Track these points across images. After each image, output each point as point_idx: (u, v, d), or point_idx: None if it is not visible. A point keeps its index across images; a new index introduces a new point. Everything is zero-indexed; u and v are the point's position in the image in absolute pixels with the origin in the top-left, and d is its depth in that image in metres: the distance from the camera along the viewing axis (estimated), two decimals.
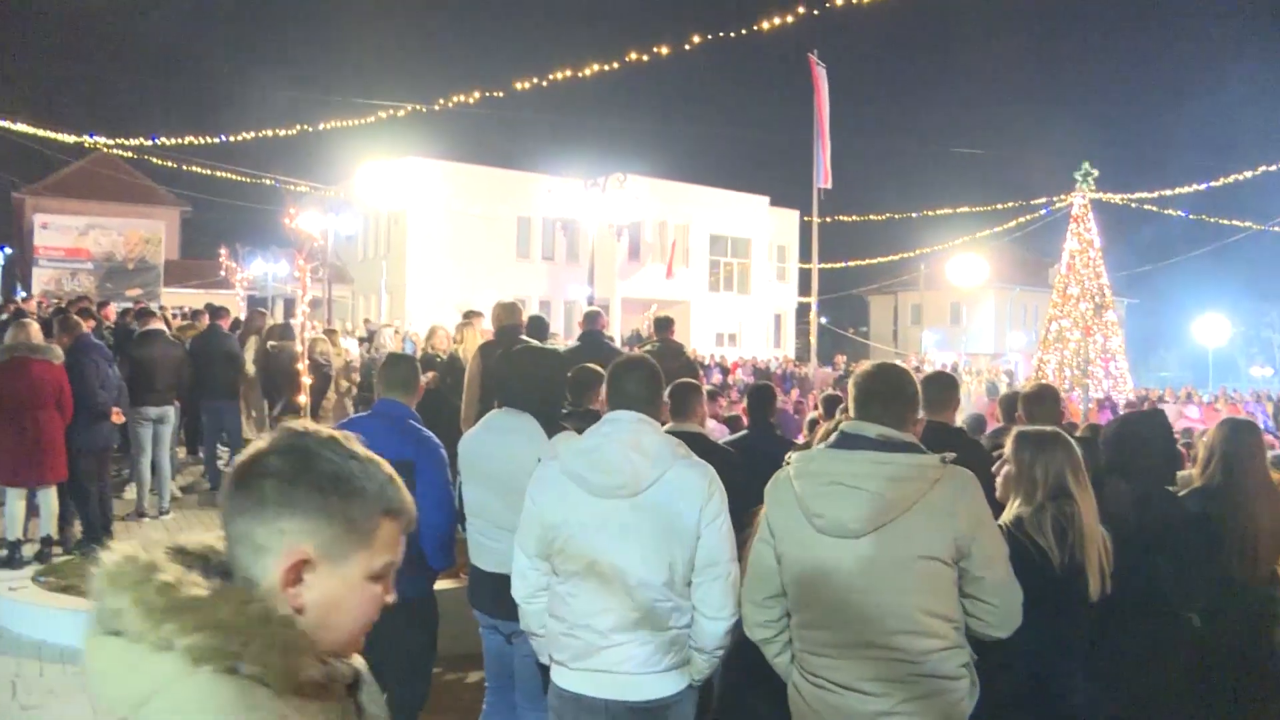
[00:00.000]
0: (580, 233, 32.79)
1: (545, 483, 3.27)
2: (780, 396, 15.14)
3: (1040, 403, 5.13)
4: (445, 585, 5.57)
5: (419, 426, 4.44)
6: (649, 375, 3.35)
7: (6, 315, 13.02)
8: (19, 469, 7.66)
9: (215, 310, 12.41)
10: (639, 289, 37.40)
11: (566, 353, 7.59)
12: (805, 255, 37.27)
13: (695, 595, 3.14)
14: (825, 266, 36.08)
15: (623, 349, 10.82)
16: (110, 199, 39.78)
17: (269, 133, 23.93)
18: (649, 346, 8.88)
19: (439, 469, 4.24)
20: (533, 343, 6.32)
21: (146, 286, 35.49)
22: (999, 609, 2.89)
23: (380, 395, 4.59)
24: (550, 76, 21.21)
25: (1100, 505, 3.55)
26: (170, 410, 9.95)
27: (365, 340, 19.74)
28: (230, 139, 24.67)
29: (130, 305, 17.44)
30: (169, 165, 29.48)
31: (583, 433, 3.36)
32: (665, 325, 9.04)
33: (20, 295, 26.33)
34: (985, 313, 54.56)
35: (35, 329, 8.02)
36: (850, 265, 45.42)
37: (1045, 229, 36.22)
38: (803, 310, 42.70)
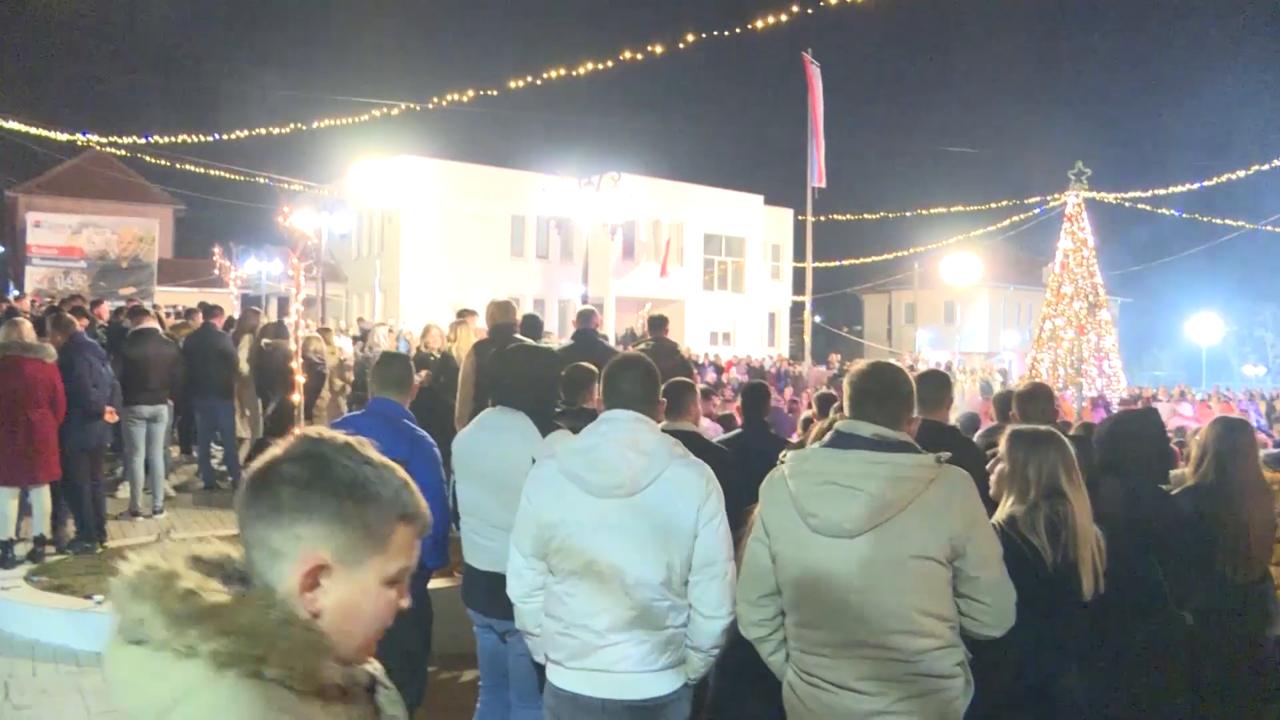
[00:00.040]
0: (575, 231, 32.70)
1: (542, 482, 3.26)
2: (774, 395, 15.13)
3: (1034, 401, 5.14)
4: (439, 584, 5.57)
5: (413, 425, 4.44)
6: (646, 374, 3.34)
7: None
8: (12, 468, 7.63)
9: (209, 309, 12.40)
10: (633, 288, 37.39)
11: (560, 351, 7.59)
12: (799, 254, 37.36)
13: (692, 594, 3.14)
14: (819, 265, 36.05)
15: (617, 348, 10.81)
16: (104, 197, 39.71)
17: (263, 131, 23.93)
18: (643, 345, 8.88)
19: (432, 468, 4.25)
20: (527, 341, 6.32)
21: (140, 285, 35.35)
22: (993, 609, 2.89)
23: (374, 394, 4.60)
24: (545, 75, 21.25)
25: (1094, 504, 3.56)
26: (164, 409, 9.94)
27: (359, 339, 19.71)
28: (224, 137, 24.66)
29: (124, 304, 17.40)
30: (163, 164, 29.49)
31: (577, 431, 3.35)
32: (659, 324, 9.04)
33: (13, 294, 26.20)
34: (979, 311, 54.64)
35: (28, 328, 8.01)
36: (844, 264, 45.52)
37: (1039, 228, 36.35)
38: (797, 309, 42.71)
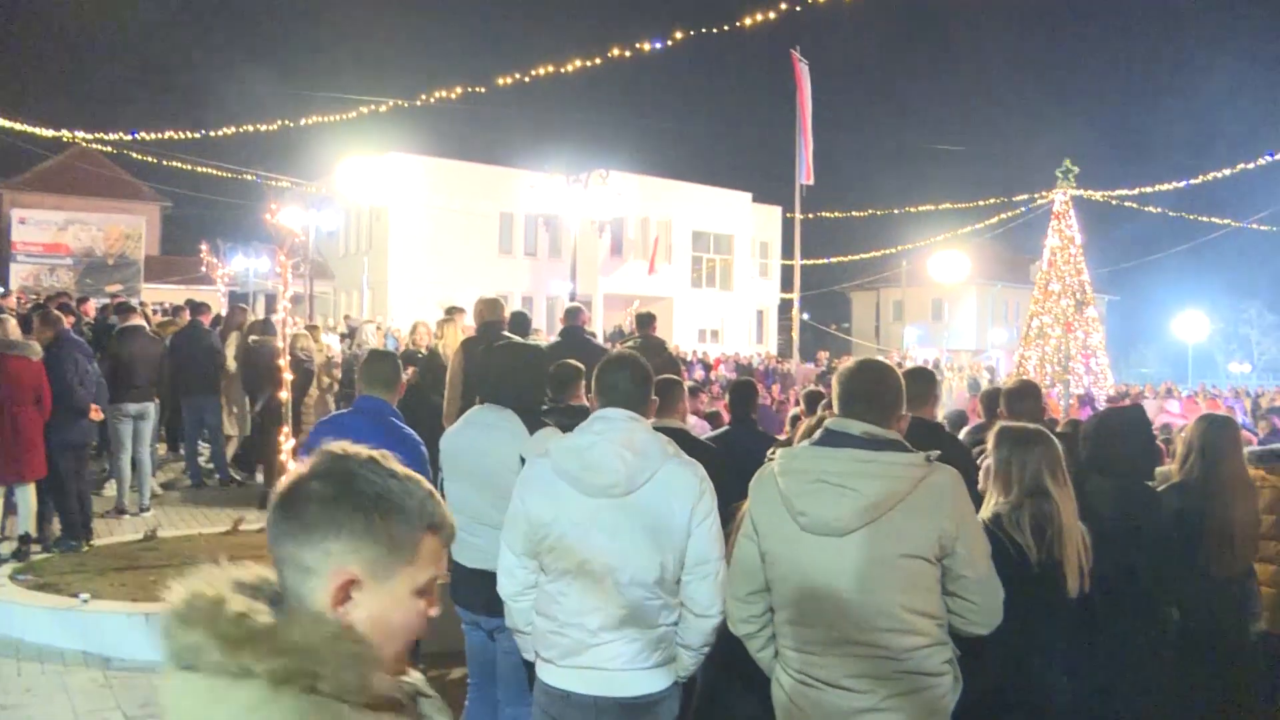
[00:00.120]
0: (562, 228, 32.68)
1: (535, 481, 3.25)
2: (762, 392, 15.17)
3: (1021, 398, 5.16)
4: None
5: (400, 423, 4.44)
6: (640, 373, 3.34)
7: None
8: None
9: (196, 306, 12.36)
10: (621, 285, 37.37)
11: (548, 348, 7.59)
12: (787, 251, 37.36)
13: (684, 592, 3.15)
14: (807, 263, 36.12)
15: (605, 345, 10.81)
16: (90, 194, 39.45)
17: (251, 128, 23.82)
18: (631, 342, 8.88)
19: (420, 466, 4.24)
20: (515, 339, 6.32)
21: (127, 282, 35.15)
22: (981, 607, 2.90)
23: (362, 391, 4.59)
24: (533, 72, 21.21)
25: (1080, 501, 3.57)
26: (151, 406, 9.91)
27: (347, 336, 19.65)
28: (212, 134, 24.49)
29: (110, 301, 17.32)
30: (150, 160, 29.31)
31: (565, 429, 3.35)
32: (647, 321, 9.04)
33: None
34: (967, 309, 54.82)
35: (13, 325, 7.97)
36: (832, 261, 45.67)
37: (1026, 226, 36.38)
38: (785, 306, 42.78)
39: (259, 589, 1.37)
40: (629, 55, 20.05)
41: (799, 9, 18.64)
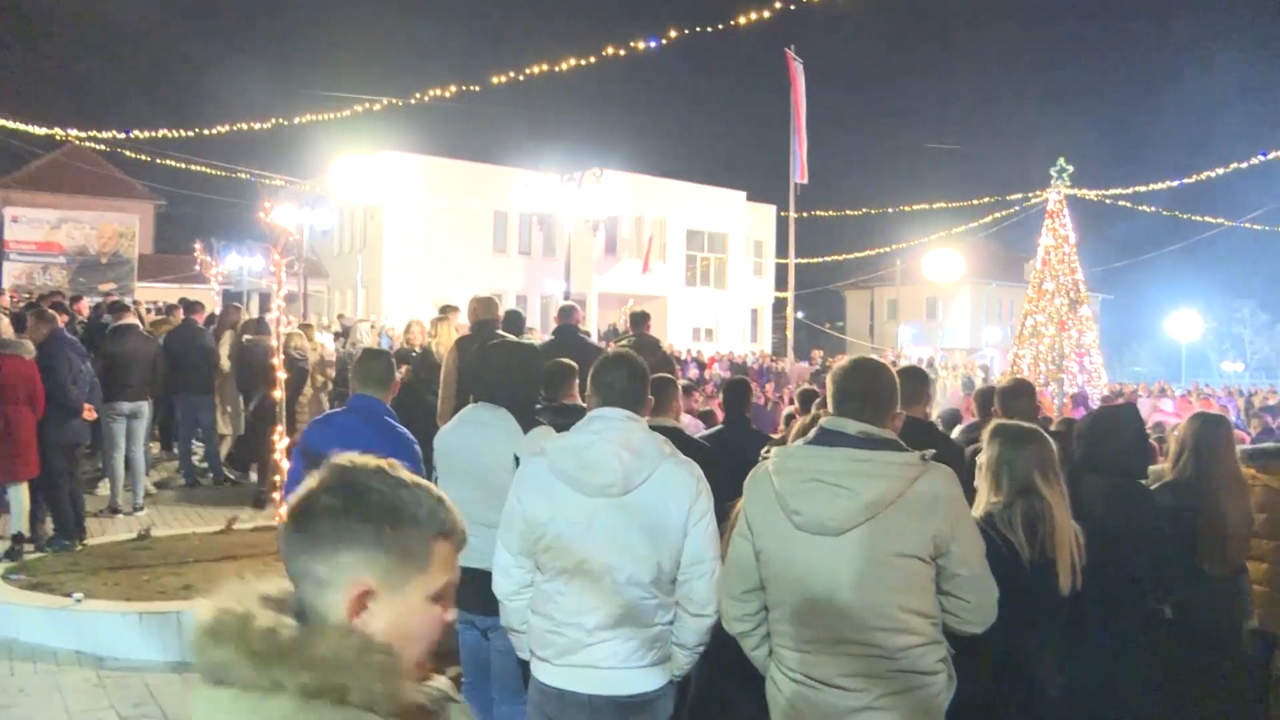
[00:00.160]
0: (557, 227, 32.61)
1: (531, 480, 3.25)
2: (756, 391, 15.15)
3: (1016, 397, 5.17)
4: None
5: (393, 422, 4.43)
6: (636, 372, 3.35)
7: None
8: None
9: (190, 305, 12.32)
10: (616, 284, 37.38)
11: (542, 347, 7.58)
12: (782, 250, 37.44)
13: (680, 591, 3.15)
14: (802, 261, 36.19)
15: (599, 344, 10.81)
16: (83, 192, 39.34)
17: (244, 126, 23.74)
18: (625, 341, 8.88)
19: (414, 464, 4.23)
20: (509, 337, 6.31)
21: (120, 281, 35.03)
22: (975, 606, 2.90)
23: (356, 390, 4.59)
24: (527, 71, 21.17)
25: (1073, 499, 3.58)
26: (144, 405, 9.89)
27: (341, 335, 19.62)
28: (205, 132, 24.38)
29: (103, 300, 17.28)
30: (143, 158, 29.21)
31: (559, 428, 3.35)
32: (641, 320, 9.04)
33: None
34: (961, 308, 54.88)
35: (5, 324, 7.96)
36: (827, 260, 45.67)
37: (1021, 224, 36.47)
38: (779, 305, 42.81)
39: (284, 602, 1.38)
40: (623, 54, 20.03)
41: (793, 8, 18.64)
